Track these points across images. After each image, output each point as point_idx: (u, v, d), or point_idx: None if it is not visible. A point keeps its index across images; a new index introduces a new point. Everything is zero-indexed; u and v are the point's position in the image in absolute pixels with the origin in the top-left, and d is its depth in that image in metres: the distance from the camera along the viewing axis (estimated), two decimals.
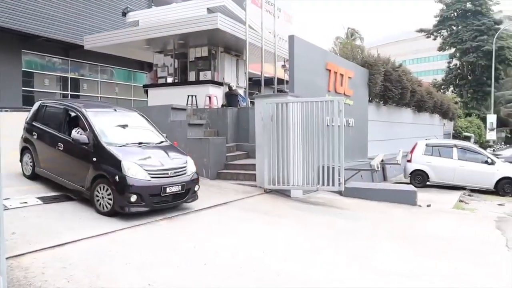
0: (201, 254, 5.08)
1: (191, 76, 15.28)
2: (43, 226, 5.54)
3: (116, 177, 6.17)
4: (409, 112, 21.78)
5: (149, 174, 6.40)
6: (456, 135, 30.74)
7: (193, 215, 6.91)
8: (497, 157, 14.91)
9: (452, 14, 43.68)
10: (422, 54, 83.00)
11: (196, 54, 15.21)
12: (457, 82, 44.61)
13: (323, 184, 8.81)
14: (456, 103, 32.25)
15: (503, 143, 40.45)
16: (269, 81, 17.14)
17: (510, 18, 44.88)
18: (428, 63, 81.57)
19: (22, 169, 8.27)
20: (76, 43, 17.68)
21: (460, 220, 8.93)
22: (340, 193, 9.80)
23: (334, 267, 5.16)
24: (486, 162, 13.34)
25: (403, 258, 5.75)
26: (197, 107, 13.75)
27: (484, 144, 30.01)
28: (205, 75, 14.90)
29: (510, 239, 7.12)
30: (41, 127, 7.86)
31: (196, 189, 7.21)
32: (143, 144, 7.16)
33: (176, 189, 6.65)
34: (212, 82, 14.77)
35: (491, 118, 31.34)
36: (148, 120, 8.16)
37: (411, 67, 42.13)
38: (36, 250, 4.61)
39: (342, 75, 13.35)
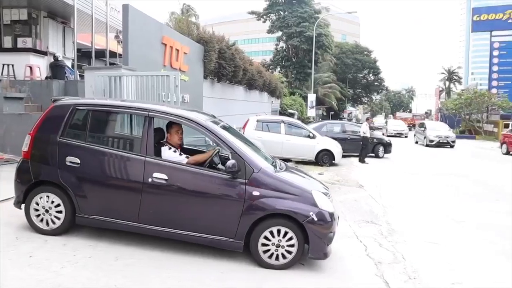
0: None
1: (7, 42, 13.47)
2: None
3: (312, 215, 4.46)
4: (241, 89, 22.88)
5: (332, 202, 4.87)
6: (282, 112, 33.48)
7: None
8: None
9: (280, 0, 46.94)
10: (253, 35, 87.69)
11: (12, 16, 13.41)
12: (283, 63, 48.44)
13: None
14: (282, 82, 35.04)
15: (320, 119, 45.61)
16: (100, 54, 16.13)
17: (326, 9, 50.40)
18: (259, 44, 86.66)
19: (32, 219, 4.93)
20: None
21: None
22: None
23: None
24: (308, 136, 14.78)
25: None
26: (15, 78, 12.19)
27: (305, 120, 33.35)
28: (25, 42, 13.29)
29: None
30: (88, 146, 4.90)
31: None
32: (275, 164, 5.23)
33: None
34: (34, 50, 13.27)
35: (311, 97, 34.93)
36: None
37: (243, 47, 44.04)
38: None
39: (178, 50, 13.28)
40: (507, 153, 21.90)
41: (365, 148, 16.33)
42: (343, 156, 15.59)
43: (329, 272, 4.66)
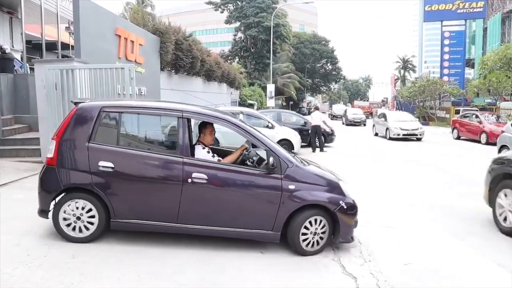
0: None
1: None
2: None
3: (342, 203, 4.90)
4: (200, 81, 22.70)
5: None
6: (242, 103, 33.48)
7: None
8: None
9: None
10: (211, 26, 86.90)
11: None
12: (242, 54, 48.40)
13: None
14: (241, 73, 34.99)
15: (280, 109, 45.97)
16: (52, 46, 15.56)
17: None
18: (217, 35, 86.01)
19: (61, 227, 4.71)
20: None
21: None
22: None
23: None
24: (267, 126, 14.86)
25: None
26: None
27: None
28: None
29: None
30: (122, 150, 4.78)
31: None
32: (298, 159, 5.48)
33: None
34: None
35: (270, 88, 35.13)
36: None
37: (201, 37, 43.80)
38: None
39: (133, 41, 13.00)
40: (458, 137, 22.89)
41: (320, 136, 16.35)
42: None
43: (286, 258, 4.75)
